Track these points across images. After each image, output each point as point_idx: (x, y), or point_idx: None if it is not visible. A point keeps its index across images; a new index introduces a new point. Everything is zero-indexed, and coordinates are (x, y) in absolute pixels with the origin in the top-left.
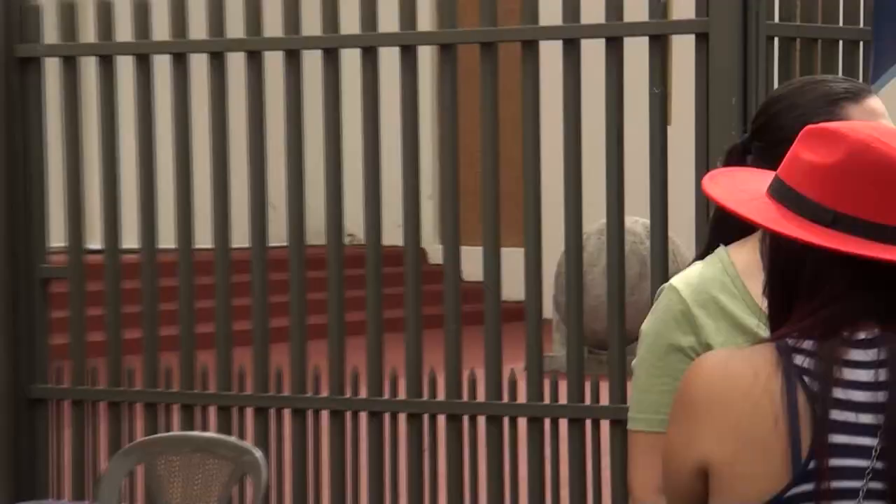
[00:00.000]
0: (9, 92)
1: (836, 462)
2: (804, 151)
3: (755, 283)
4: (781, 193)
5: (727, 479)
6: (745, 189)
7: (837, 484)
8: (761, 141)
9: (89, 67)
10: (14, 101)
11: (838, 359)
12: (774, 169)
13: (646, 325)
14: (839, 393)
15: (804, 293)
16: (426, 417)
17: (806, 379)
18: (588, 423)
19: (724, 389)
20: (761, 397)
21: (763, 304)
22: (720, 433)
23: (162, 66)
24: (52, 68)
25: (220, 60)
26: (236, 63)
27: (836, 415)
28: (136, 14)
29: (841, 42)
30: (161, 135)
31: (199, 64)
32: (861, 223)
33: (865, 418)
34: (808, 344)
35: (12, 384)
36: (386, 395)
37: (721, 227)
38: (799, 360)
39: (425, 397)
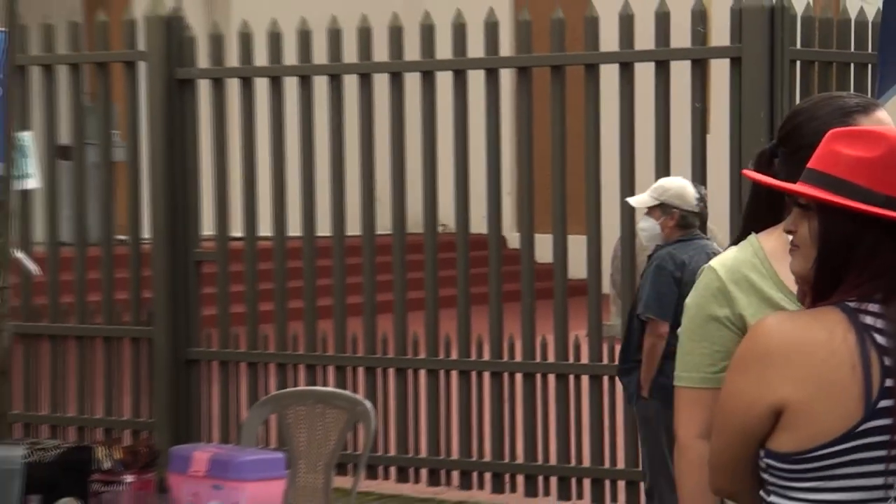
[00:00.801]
0: (170, 108)
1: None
2: (845, 148)
3: (781, 265)
4: (825, 181)
5: (804, 417)
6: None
7: None
8: (786, 147)
9: (233, 87)
10: (174, 116)
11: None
12: (797, 169)
13: (689, 300)
14: None
15: (857, 265)
16: (506, 376)
17: (875, 335)
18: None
19: (803, 341)
20: (839, 347)
21: (788, 281)
22: (800, 378)
23: (291, 85)
24: (203, 88)
25: (338, 82)
26: (337, 84)
27: None
28: (271, 43)
29: (852, 65)
30: (289, 143)
31: (318, 84)
32: None
33: None
34: (872, 307)
35: (172, 348)
36: (472, 357)
37: (752, 218)
38: (869, 319)
39: (505, 359)
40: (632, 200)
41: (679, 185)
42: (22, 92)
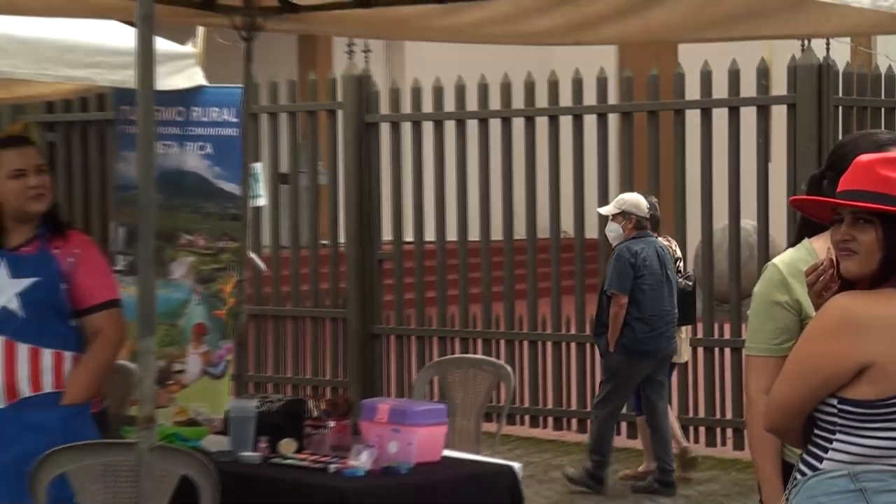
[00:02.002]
0: (360, 144)
1: None
2: (886, 171)
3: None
4: (876, 198)
5: (888, 372)
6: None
7: None
8: (832, 172)
9: (406, 128)
10: (362, 150)
11: None
12: None
13: (756, 289)
14: None
15: None
16: None
17: None
18: (716, 349)
19: (887, 314)
20: None
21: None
22: (886, 341)
23: (449, 127)
24: (384, 129)
25: (484, 124)
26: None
27: None
28: (434, 95)
29: (883, 109)
30: (448, 170)
31: (471, 126)
32: None
33: None
34: None
35: (361, 326)
36: (586, 332)
37: (804, 227)
38: None
39: None
40: (601, 210)
41: (635, 197)
42: (254, 134)
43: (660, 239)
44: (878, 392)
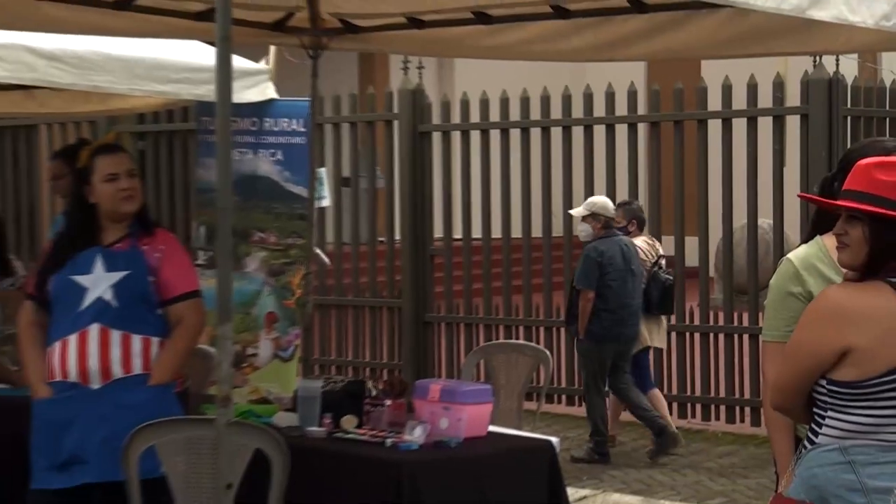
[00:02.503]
0: (414, 151)
1: None
2: (880, 175)
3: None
4: (868, 199)
5: (868, 356)
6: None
7: None
8: (842, 174)
9: (456, 137)
10: (416, 157)
11: None
12: None
13: (772, 281)
14: None
15: (890, 254)
16: None
17: None
18: (735, 335)
19: (869, 304)
20: (893, 309)
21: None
22: (866, 328)
23: (495, 136)
24: (436, 138)
25: (526, 134)
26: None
27: None
28: (481, 107)
29: (887, 119)
30: (494, 175)
31: (514, 135)
32: None
33: None
34: None
35: (414, 314)
36: None
37: (816, 225)
38: None
39: None
40: (572, 212)
41: (602, 200)
42: (319, 142)
43: (643, 238)
44: (859, 374)
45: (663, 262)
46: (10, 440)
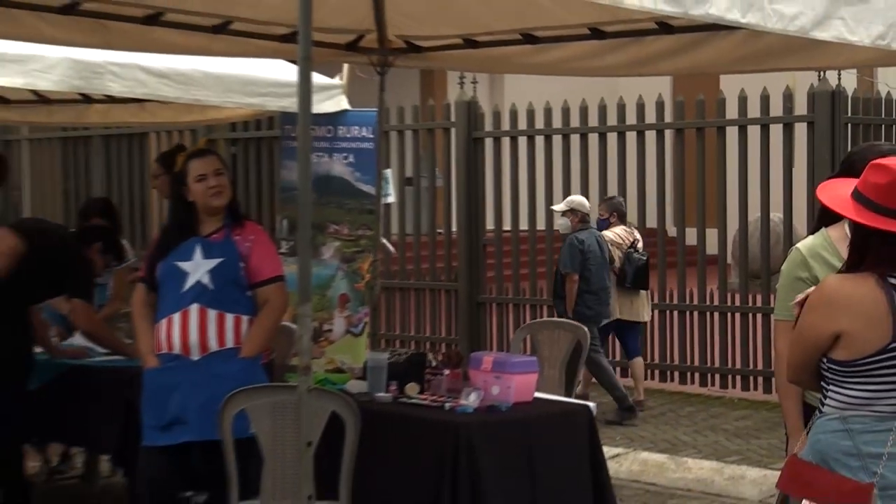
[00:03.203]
0: (468, 155)
1: None
2: (872, 177)
3: (841, 246)
4: (859, 199)
5: (856, 339)
6: (838, 195)
7: None
8: (844, 175)
9: (505, 142)
10: (470, 160)
11: None
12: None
13: (783, 267)
14: None
15: (874, 251)
16: (675, 314)
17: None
18: (749, 314)
19: (857, 293)
20: (878, 298)
21: (845, 255)
22: (854, 315)
23: (539, 141)
24: (488, 143)
25: (567, 139)
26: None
27: None
28: (528, 115)
29: (883, 125)
30: (538, 175)
31: (556, 141)
32: None
33: None
34: (892, 276)
35: (469, 296)
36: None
37: (822, 218)
38: (892, 281)
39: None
40: (554, 207)
41: (580, 198)
42: (385, 147)
43: (622, 227)
44: (851, 354)
45: (639, 245)
46: (124, 404)
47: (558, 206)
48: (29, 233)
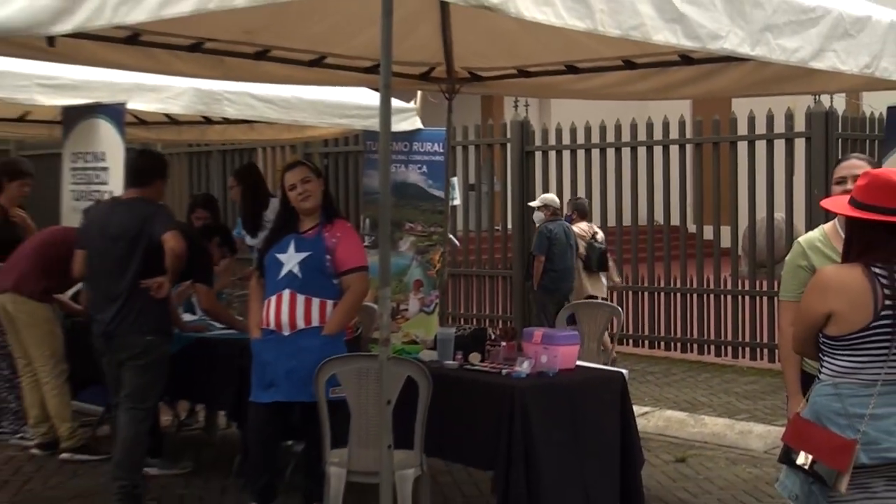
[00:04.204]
0: (521, 166)
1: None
2: (859, 182)
3: (834, 239)
4: (850, 201)
5: (844, 318)
6: (837, 201)
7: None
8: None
9: (552, 155)
10: (523, 170)
11: (893, 270)
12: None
13: (787, 258)
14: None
15: (857, 244)
16: (695, 296)
17: (880, 279)
18: (757, 297)
19: (846, 280)
20: (863, 284)
21: (838, 247)
22: (843, 298)
23: (580, 154)
24: (538, 155)
25: (603, 153)
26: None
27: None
28: (571, 132)
29: (867, 140)
30: (577, 185)
31: (594, 153)
32: (890, 210)
33: None
34: (875, 265)
35: (521, 281)
36: (665, 285)
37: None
38: (876, 270)
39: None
40: (531, 203)
41: (551, 196)
42: (452, 159)
43: (585, 223)
44: (840, 331)
45: (598, 237)
46: (237, 369)
47: (534, 203)
48: None
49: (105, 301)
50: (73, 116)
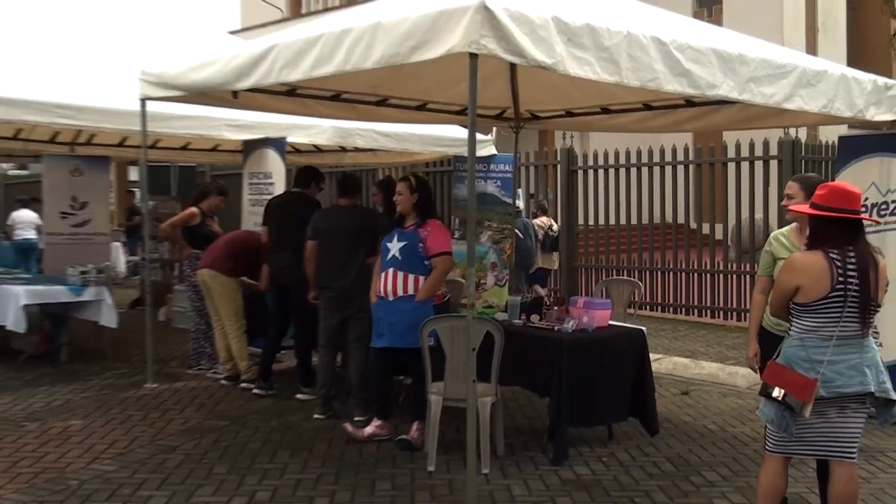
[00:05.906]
0: (569, 181)
1: (841, 286)
2: (819, 191)
3: (793, 235)
4: (814, 205)
5: (808, 290)
6: (804, 207)
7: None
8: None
9: (591, 173)
10: (570, 184)
11: (846, 255)
12: (808, 197)
13: (764, 248)
14: (848, 264)
15: (820, 236)
16: (696, 275)
17: (834, 261)
18: (742, 276)
19: (810, 262)
20: (823, 265)
21: (797, 242)
22: (807, 275)
23: (612, 172)
24: (580, 173)
25: (627, 172)
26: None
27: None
28: (605, 156)
29: (823, 161)
30: (607, 196)
31: (621, 172)
32: (846, 210)
33: (853, 272)
34: (832, 251)
35: (569, 263)
36: (677, 265)
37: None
38: (832, 255)
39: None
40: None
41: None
42: (518, 175)
43: (544, 217)
44: (805, 299)
45: (554, 227)
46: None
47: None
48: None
49: (341, 275)
50: (250, 147)
